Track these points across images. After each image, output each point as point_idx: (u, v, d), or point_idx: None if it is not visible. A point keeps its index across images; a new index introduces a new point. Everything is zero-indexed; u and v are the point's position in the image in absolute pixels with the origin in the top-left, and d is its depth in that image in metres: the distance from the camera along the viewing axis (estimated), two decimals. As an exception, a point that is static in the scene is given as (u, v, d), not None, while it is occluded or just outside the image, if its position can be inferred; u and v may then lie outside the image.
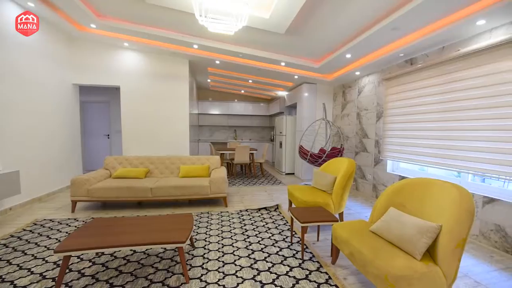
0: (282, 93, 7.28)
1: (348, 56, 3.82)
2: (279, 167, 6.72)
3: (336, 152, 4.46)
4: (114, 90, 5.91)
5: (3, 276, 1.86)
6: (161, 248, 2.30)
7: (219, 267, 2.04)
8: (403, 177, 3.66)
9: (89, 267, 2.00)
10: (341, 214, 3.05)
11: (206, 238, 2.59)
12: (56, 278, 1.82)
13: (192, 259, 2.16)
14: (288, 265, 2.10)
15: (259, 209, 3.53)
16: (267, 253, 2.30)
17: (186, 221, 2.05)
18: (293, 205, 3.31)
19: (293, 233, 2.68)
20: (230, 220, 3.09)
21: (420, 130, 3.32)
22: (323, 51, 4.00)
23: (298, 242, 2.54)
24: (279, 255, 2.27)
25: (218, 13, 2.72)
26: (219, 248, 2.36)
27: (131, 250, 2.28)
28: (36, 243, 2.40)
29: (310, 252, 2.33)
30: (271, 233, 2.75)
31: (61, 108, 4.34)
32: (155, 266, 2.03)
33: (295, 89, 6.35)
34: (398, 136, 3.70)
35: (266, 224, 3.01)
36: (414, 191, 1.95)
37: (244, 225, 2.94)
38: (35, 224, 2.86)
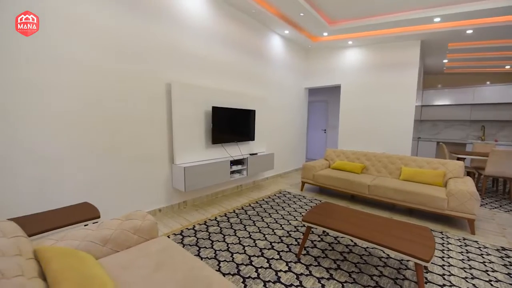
0: None
1: None
2: None
3: None
4: (333, 89, 6.49)
5: (269, 224, 2.71)
6: (384, 252, 2.12)
7: (473, 316, 1.46)
8: None
9: (319, 241, 2.33)
10: None
11: (443, 265, 2.00)
12: (299, 240, 2.32)
13: (426, 283, 1.76)
14: None
15: (551, 259, 2.11)
16: None
17: (425, 237, 1.67)
18: None
19: None
20: (484, 256, 2.15)
21: None
22: None
23: None
24: None
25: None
26: (469, 288, 1.71)
27: (351, 241, 2.33)
28: (282, 207, 3.26)
29: None
30: None
31: (296, 107, 5.53)
32: (379, 270, 1.90)
33: None
34: None
35: None
36: None
37: (517, 273, 1.90)
38: (280, 193, 3.91)
